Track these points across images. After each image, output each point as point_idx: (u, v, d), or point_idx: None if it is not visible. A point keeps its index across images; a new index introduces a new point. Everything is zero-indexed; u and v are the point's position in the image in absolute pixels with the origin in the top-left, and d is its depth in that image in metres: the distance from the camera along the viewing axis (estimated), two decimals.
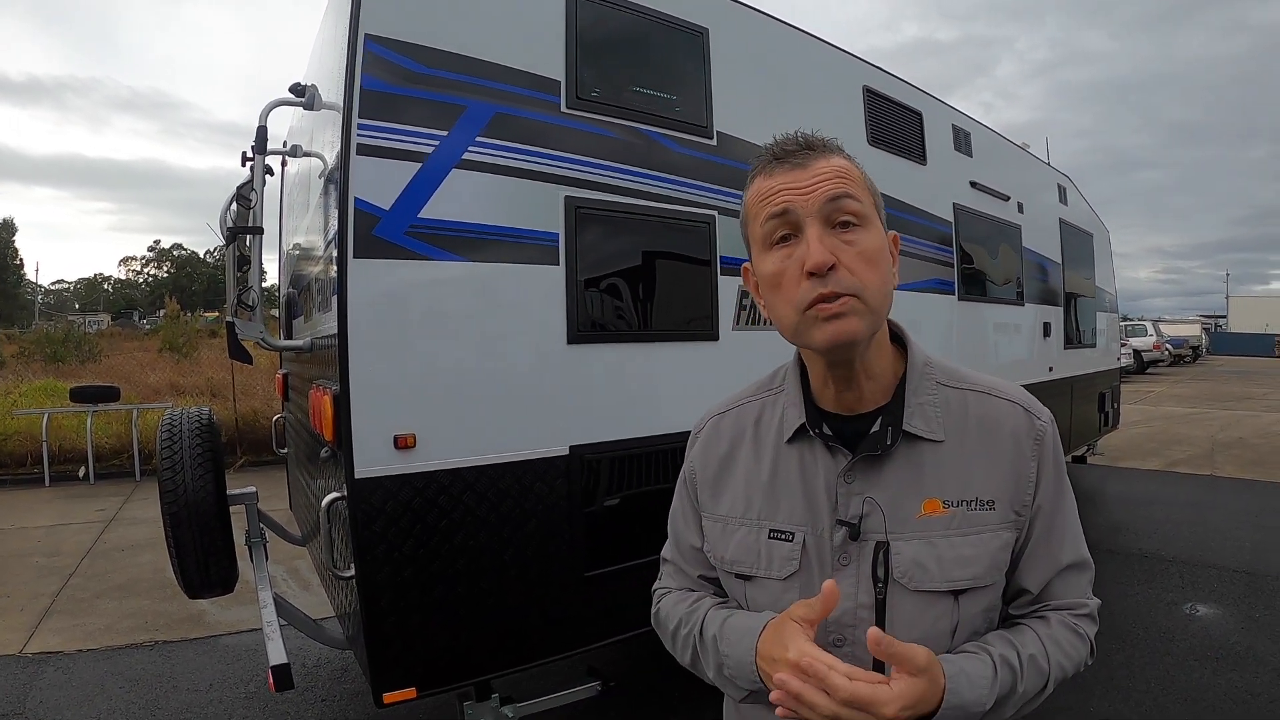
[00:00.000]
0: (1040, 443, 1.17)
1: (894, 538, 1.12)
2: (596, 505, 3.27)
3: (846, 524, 1.13)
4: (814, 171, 1.10)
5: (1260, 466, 10.77)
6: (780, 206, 1.10)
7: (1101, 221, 9.72)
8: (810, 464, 1.19)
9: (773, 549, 1.19)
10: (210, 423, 3.59)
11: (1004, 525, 1.14)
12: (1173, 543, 7.07)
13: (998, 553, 1.13)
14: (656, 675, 4.21)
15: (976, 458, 1.15)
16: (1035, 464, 1.16)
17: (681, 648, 1.28)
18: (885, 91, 5.01)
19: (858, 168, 1.15)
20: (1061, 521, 1.19)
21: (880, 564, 1.11)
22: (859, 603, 1.12)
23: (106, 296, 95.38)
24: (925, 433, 1.15)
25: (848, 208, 1.08)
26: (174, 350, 23.35)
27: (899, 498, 1.13)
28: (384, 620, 2.74)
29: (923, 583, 1.10)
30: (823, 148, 1.14)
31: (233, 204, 3.61)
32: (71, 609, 5.71)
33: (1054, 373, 7.50)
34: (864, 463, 1.14)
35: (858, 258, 1.07)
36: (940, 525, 1.12)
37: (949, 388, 1.20)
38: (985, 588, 1.13)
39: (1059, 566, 1.18)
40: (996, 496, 1.14)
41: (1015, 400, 1.20)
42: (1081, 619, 1.19)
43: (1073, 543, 1.20)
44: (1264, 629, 5.00)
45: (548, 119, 3.19)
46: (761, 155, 1.17)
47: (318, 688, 4.35)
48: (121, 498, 9.55)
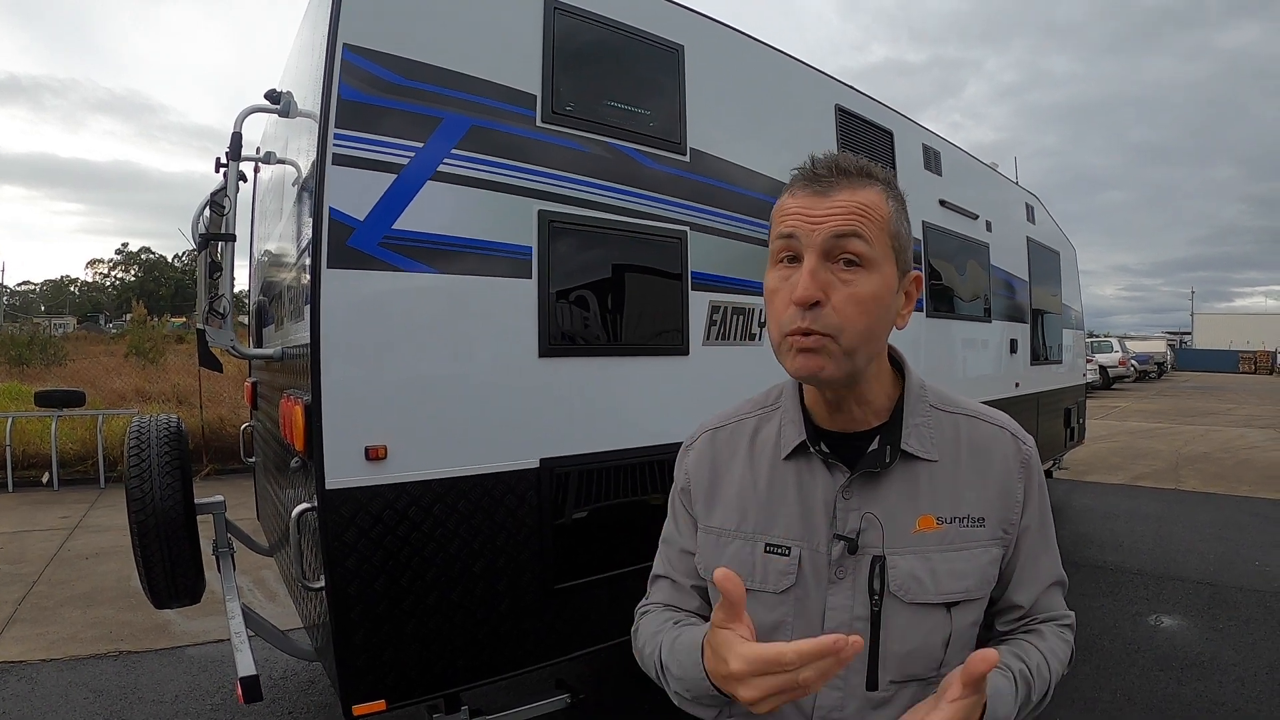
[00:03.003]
0: (1027, 466, 1.23)
1: (890, 552, 1.15)
2: (566, 518, 3.28)
3: (845, 538, 1.16)
4: (833, 202, 1.09)
5: (1223, 480, 10.99)
6: (788, 229, 1.10)
7: (1068, 239, 9.87)
8: (808, 480, 1.21)
9: (769, 563, 1.20)
10: (179, 431, 3.56)
11: (992, 541, 1.19)
12: (1137, 555, 7.19)
13: (987, 567, 1.18)
14: (626, 687, 4.22)
15: (968, 477, 1.20)
16: (1022, 486, 1.22)
17: (657, 675, 1.26)
18: (857, 110, 5.07)
19: (888, 205, 1.13)
20: (1046, 540, 1.26)
21: (877, 577, 1.14)
22: (854, 615, 1.14)
23: (73, 299, 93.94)
24: (921, 452, 1.19)
25: (851, 248, 1.07)
26: (140, 355, 23.01)
27: (895, 514, 1.16)
28: (354, 631, 2.73)
29: (918, 595, 1.14)
30: (856, 175, 1.12)
31: (205, 210, 3.58)
32: (35, 618, 5.61)
33: (1020, 388, 7.60)
34: (862, 479, 1.17)
35: (848, 299, 1.07)
36: (934, 541, 1.16)
37: (941, 411, 1.24)
38: (975, 600, 1.18)
39: (1047, 583, 1.26)
40: (986, 514, 1.18)
41: (1003, 426, 1.25)
42: (1065, 629, 1.28)
43: (1054, 559, 1.28)
44: (1228, 639, 5.11)
45: (523, 133, 3.21)
46: (799, 169, 1.17)
47: (285, 699, 4.32)
48: (86, 505, 9.41)
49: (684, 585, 1.35)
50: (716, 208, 3.92)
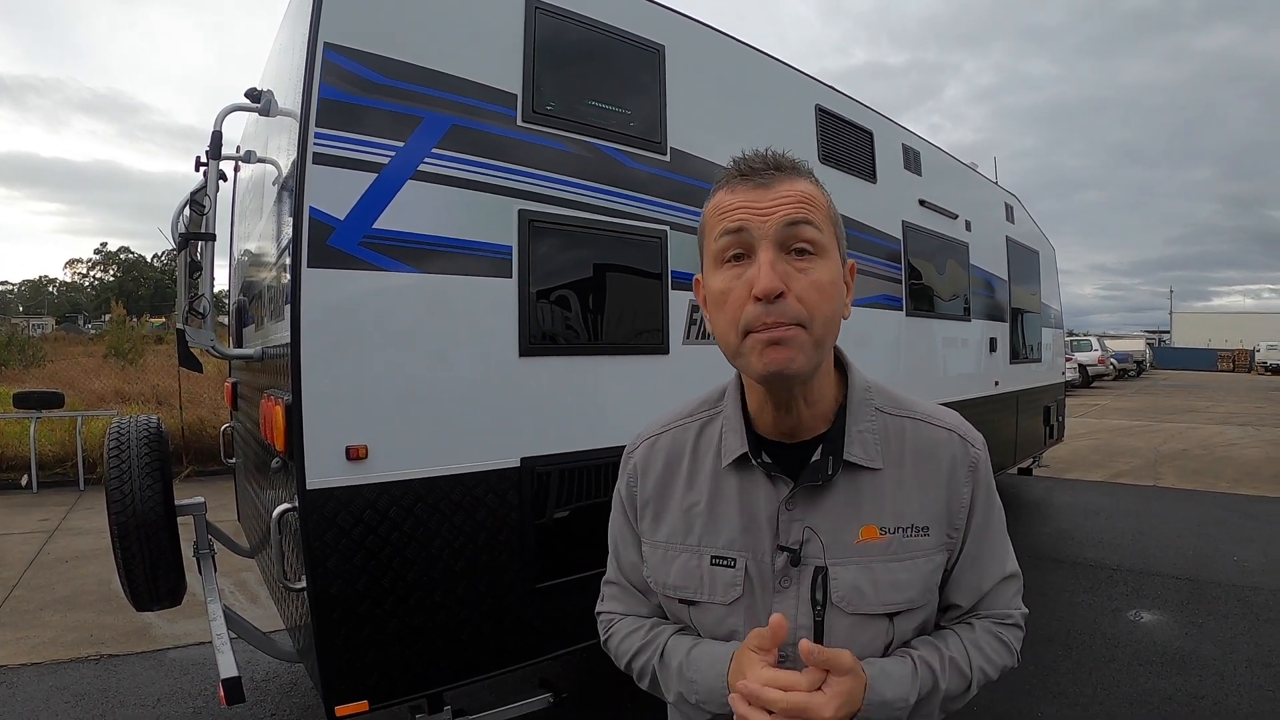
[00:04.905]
0: (974, 470, 1.21)
1: (832, 563, 1.14)
2: (547, 517, 3.29)
3: (788, 550, 1.15)
4: (776, 193, 1.08)
5: (1202, 476, 11.10)
6: (736, 224, 1.08)
7: (1047, 239, 9.95)
8: (750, 490, 1.19)
9: (716, 575, 1.20)
10: (159, 432, 3.54)
11: (937, 549, 1.18)
12: (1117, 551, 7.25)
13: (930, 576, 1.17)
14: (608, 686, 4.22)
15: (913, 485, 1.18)
16: (969, 490, 1.20)
17: (640, 673, 1.30)
18: (837, 110, 5.11)
19: (823, 194, 1.13)
20: (990, 541, 1.24)
21: (819, 588, 1.14)
22: (799, 624, 1.14)
23: (51, 300, 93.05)
24: (864, 461, 1.16)
25: (805, 235, 1.07)
26: (120, 356, 22.83)
27: (837, 525, 1.15)
28: (335, 632, 2.73)
29: (859, 606, 1.13)
30: (790, 169, 1.12)
31: (185, 209, 3.55)
32: (14, 621, 5.56)
33: (1000, 387, 7.66)
34: (804, 491, 1.16)
35: (809, 287, 1.05)
36: (877, 551, 1.15)
37: (887, 414, 1.21)
38: (919, 608, 1.17)
39: (989, 583, 1.24)
40: (931, 522, 1.17)
41: (951, 428, 1.22)
42: (1006, 627, 1.25)
43: (1000, 559, 1.25)
44: (1207, 634, 5.16)
45: (503, 132, 3.22)
46: (728, 169, 1.15)
47: (268, 701, 4.30)
48: (65, 507, 9.31)
49: (635, 592, 1.36)
50: (697, 207, 3.90)
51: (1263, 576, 6.41)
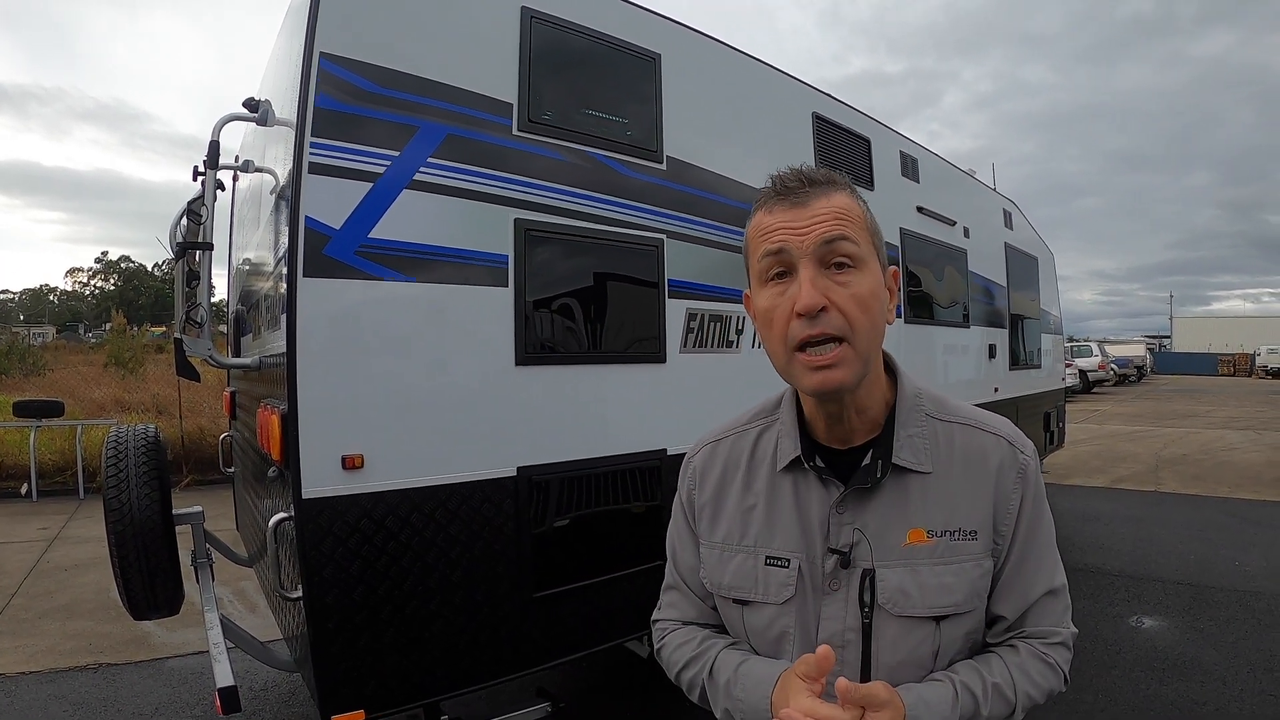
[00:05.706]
0: (1024, 475, 1.21)
1: (880, 565, 1.16)
2: (545, 526, 3.28)
3: (838, 552, 1.18)
4: (812, 211, 1.11)
5: (1202, 481, 11.10)
6: (776, 244, 1.12)
7: (1046, 245, 9.94)
8: (804, 493, 1.23)
9: (770, 575, 1.23)
10: (157, 440, 3.54)
11: (985, 554, 1.18)
12: (1118, 557, 7.25)
13: (978, 580, 1.17)
14: (606, 696, 4.22)
15: (961, 489, 1.19)
16: (1018, 496, 1.20)
17: (689, 685, 1.32)
18: (834, 118, 5.11)
19: (859, 205, 1.17)
20: (1038, 550, 1.22)
21: (867, 590, 1.16)
22: (847, 625, 1.16)
23: (52, 308, 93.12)
24: (913, 465, 1.19)
25: (842, 250, 1.10)
26: (120, 365, 22.83)
27: (886, 528, 1.17)
28: (332, 641, 2.72)
29: (906, 609, 1.15)
30: (826, 184, 1.15)
31: (183, 219, 3.56)
32: (13, 630, 5.56)
33: (1000, 393, 7.65)
34: (855, 494, 1.18)
35: (850, 300, 1.09)
36: (924, 554, 1.16)
37: (937, 420, 1.24)
38: (966, 614, 1.17)
39: (1034, 594, 1.21)
40: (979, 527, 1.18)
41: (1000, 434, 1.23)
42: (1053, 647, 1.22)
43: (1049, 570, 1.23)
44: (1209, 639, 5.16)
45: (499, 141, 3.22)
46: (765, 188, 1.18)
47: (265, 711, 4.29)
48: (65, 516, 9.32)
49: (693, 597, 1.39)
50: (694, 215, 3.94)
51: (1264, 581, 6.40)
